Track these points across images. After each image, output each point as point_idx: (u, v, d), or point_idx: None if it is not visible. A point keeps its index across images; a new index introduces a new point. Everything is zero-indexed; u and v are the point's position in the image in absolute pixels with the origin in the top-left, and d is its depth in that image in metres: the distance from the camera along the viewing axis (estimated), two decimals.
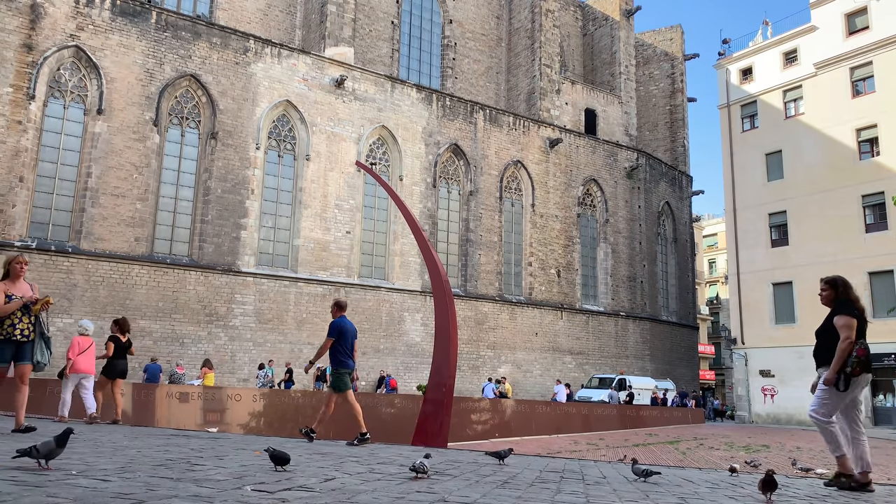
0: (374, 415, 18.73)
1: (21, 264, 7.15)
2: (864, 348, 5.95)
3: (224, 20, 31.27)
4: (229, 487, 3.62)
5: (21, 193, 22.92)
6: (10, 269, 7.11)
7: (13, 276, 7.11)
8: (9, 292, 6.91)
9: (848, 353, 5.88)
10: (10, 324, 6.87)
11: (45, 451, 3.93)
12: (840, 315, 6.02)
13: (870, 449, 5.98)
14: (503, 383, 29.20)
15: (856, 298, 6.22)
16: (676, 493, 4.84)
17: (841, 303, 6.19)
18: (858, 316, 6.03)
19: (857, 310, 6.09)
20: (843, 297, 6.23)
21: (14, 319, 6.88)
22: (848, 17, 34.39)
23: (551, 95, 38.96)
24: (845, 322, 5.93)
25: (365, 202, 30.64)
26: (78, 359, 10.37)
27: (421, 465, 4.85)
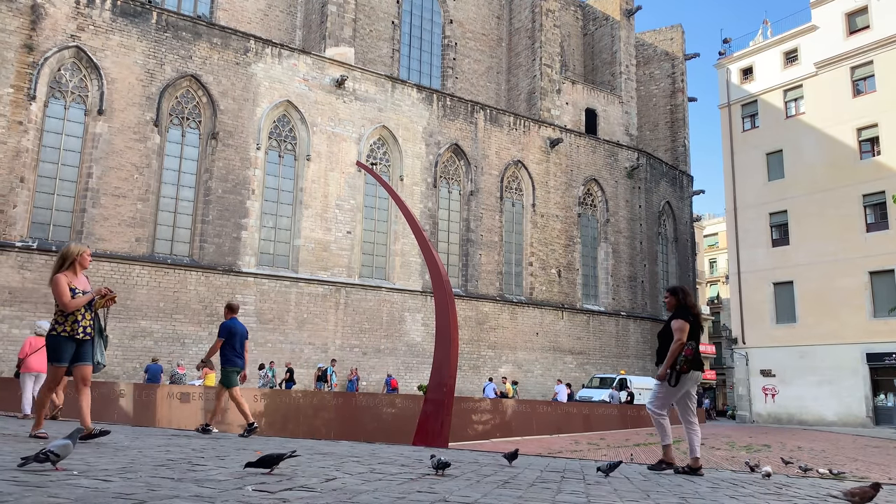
0: (375, 415, 18.74)
1: (86, 257, 6.64)
2: (693, 349, 6.58)
3: (224, 20, 31.28)
4: (230, 487, 3.62)
5: (22, 194, 22.94)
6: (73, 261, 6.53)
7: (75, 268, 6.55)
8: (72, 285, 6.40)
9: (678, 353, 6.54)
10: (75, 320, 6.35)
11: (64, 454, 3.90)
12: (676, 319, 6.72)
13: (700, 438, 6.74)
14: (505, 383, 29.22)
15: (692, 305, 6.89)
16: (677, 493, 4.84)
17: (679, 308, 6.84)
18: (692, 321, 6.70)
19: (693, 315, 6.76)
20: (682, 304, 6.86)
21: (78, 316, 6.37)
22: (848, 17, 34.38)
23: (552, 95, 38.96)
24: (679, 326, 6.65)
25: (366, 202, 30.64)
26: (30, 358, 10.54)
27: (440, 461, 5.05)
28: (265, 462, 4.24)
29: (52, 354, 6.34)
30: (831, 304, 32.16)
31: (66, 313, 6.30)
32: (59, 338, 6.29)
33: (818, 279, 32.86)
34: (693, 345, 6.62)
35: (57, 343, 6.31)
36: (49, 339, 6.36)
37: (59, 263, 6.52)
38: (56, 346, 6.31)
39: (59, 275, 6.38)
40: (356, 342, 28.90)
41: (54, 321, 6.34)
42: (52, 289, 6.36)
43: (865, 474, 10.83)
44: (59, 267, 6.51)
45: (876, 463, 14.11)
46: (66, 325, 6.30)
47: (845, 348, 31.34)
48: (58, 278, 6.35)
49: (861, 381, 31.26)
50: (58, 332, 6.30)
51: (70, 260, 6.51)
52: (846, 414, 31.55)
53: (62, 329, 6.30)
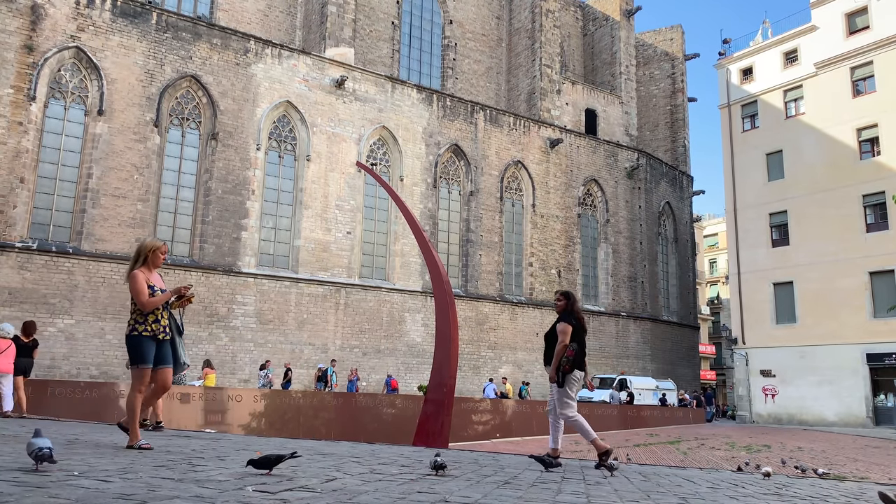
0: (376, 415, 18.74)
1: (164, 254, 6.29)
2: (574, 350, 7.05)
3: (224, 21, 31.29)
4: (231, 488, 3.62)
5: (22, 194, 22.94)
6: (148, 256, 6.18)
7: (151, 265, 6.22)
8: (149, 282, 6.08)
9: (562, 354, 7.00)
10: (155, 319, 6.02)
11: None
12: (561, 322, 7.15)
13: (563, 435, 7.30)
14: (505, 383, 29.21)
15: (578, 310, 7.36)
16: (678, 493, 4.84)
17: (566, 312, 7.26)
18: (576, 324, 7.17)
19: (577, 319, 7.23)
20: (570, 309, 7.29)
21: (158, 315, 6.04)
22: (848, 17, 34.38)
23: (552, 96, 38.97)
24: (563, 328, 7.10)
25: (365, 203, 30.65)
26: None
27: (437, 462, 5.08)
28: (265, 463, 4.22)
29: (135, 356, 5.96)
30: (831, 304, 32.16)
31: (145, 313, 5.98)
32: (141, 338, 5.96)
33: (818, 279, 32.86)
34: (575, 346, 7.11)
35: (139, 344, 5.95)
36: (130, 341, 6.00)
37: (135, 259, 6.22)
38: (139, 348, 5.94)
39: (137, 271, 6.07)
40: (356, 342, 28.91)
41: (133, 321, 6.01)
42: (130, 286, 6.04)
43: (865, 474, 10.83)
44: (134, 263, 6.21)
45: (876, 463, 14.11)
46: (148, 325, 5.98)
47: (845, 348, 31.34)
48: (135, 275, 6.03)
49: (861, 382, 31.26)
50: (139, 333, 5.96)
51: (144, 255, 6.19)
52: (846, 414, 31.54)
53: (143, 329, 5.96)
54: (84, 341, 23.05)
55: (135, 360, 5.94)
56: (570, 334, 7.05)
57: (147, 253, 6.17)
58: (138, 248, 6.25)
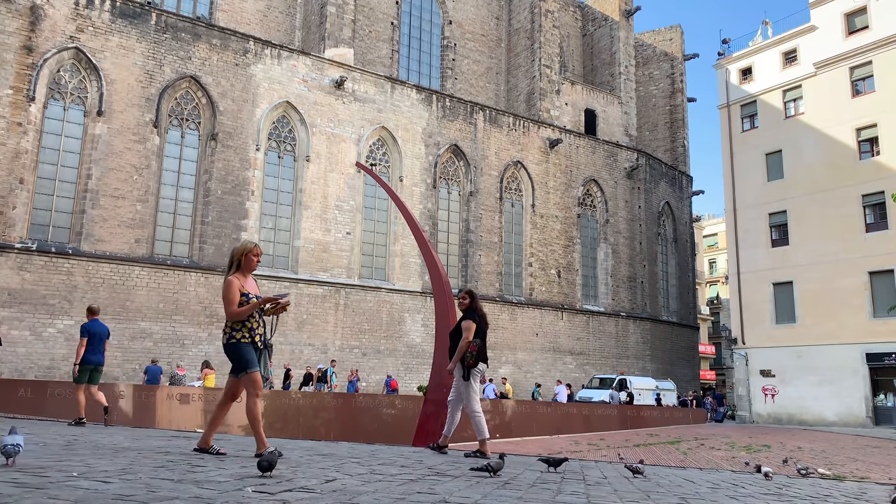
0: (375, 415, 18.73)
1: (257, 256, 6.00)
2: (478, 346, 7.49)
3: (224, 21, 31.29)
4: (230, 489, 3.62)
5: (21, 195, 22.93)
6: (242, 261, 5.93)
7: (246, 270, 5.94)
8: (244, 290, 5.85)
9: (465, 350, 7.40)
10: (251, 327, 5.80)
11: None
12: (466, 319, 7.55)
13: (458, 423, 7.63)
14: (505, 383, 29.18)
15: (480, 308, 7.82)
16: (678, 493, 4.84)
17: (469, 310, 7.68)
18: (478, 321, 7.61)
19: (480, 316, 7.69)
20: (473, 306, 7.72)
21: (253, 322, 5.81)
22: (847, 17, 34.38)
23: (551, 96, 38.98)
24: (467, 325, 7.51)
25: (365, 203, 30.64)
26: None
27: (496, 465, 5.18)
28: (266, 465, 4.21)
29: (240, 363, 5.73)
30: (831, 304, 32.16)
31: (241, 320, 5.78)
32: (240, 344, 5.75)
33: (818, 279, 32.85)
34: (478, 342, 7.54)
35: (240, 349, 5.74)
36: (230, 349, 5.78)
37: (228, 264, 6.01)
38: (241, 353, 5.73)
39: (232, 277, 5.83)
40: (356, 343, 28.90)
41: (230, 328, 5.81)
42: (223, 293, 5.83)
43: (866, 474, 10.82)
44: (228, 268, 5.98)
45: (876, 463, 14.10)
46: (245, 331, 5.78)
47: (845, 348, 31.33)
48: (230, 282, 5.80)
49: (861, 382, 31.25)
50: (237, 340, 5.76)
51: (237, 260, 5.93)
52: (846, 414, 31.54)
53: (241, 336, 5.77)
54: None
55: (241, 366, 5.74)
56: (474, 331, 7.50)
57: (240, 257, 5.92)
58: (231, 253, 6.03)
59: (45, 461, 4.55)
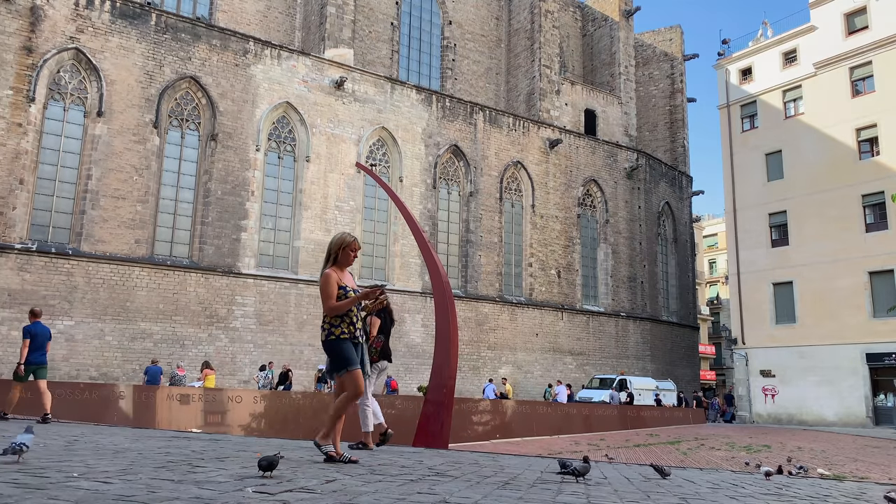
0: None
1: (354, 251, 5.79)
2: (381, 341, 7.74)
3: (224, 22, 31.30)
4: (230, 489, 3.62)
5: (21, 196, 22.94)
6: (339, 255, 5.72)
7: (343, 264, 5.75)
8: (341, 283, 5.64)
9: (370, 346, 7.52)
10: (351, 322, 5.61)
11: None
12: (370, 315, 7.66)
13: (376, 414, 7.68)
14: (505, 384, 29.19)
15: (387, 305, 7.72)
16: (678, 494, 4.84)
17: None
18: (383, 317, 7.87)
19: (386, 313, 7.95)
20: None
21: (353, 317, 5.62)
22: (847, 17, 34.41)
23: (551, 96, 38.98)
24: (372, 321, 7.72)
25: (365, 203, 30.65)
26: None
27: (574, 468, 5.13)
28: (266, 465, 4.17)
29: (339, 360, 5.52)
30: (831, 304, 32.17)
31: (339, 315, 5.57)
32: (340, 340, 5.54)
33: (818, 279, 32.87)
34: (382, 338, 7.78)
35: (341, 346, 5.53)
36: (329, 345, 5.57)
37: (325, 258, 5.83)
38: (342, 350, 5.52)
39: (329, 271, 5.62)
40: None
41: (328, 324, 5.61)
42: (320, 287, 5.61)
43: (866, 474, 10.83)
44: (325, 262, 5.79)
45: (876, 463, 14.11)
46: (344, 327, 5.57)
47: (845, 348, 31.35)
48: (327, 275, 5.59)
49: (861, 382, 31.27)
50: (336, 336, 5.56)
51: (334, 254, 5.73)
52: (846, 414, 31.55)
53: (340, 332, 5.56)
54: (84, 343, 23.04)
55: (340, 364, 5.52)
56: (379, 327, 7.77)
57: (336, 251, 5.72)
58: (328, 246, 5.81)
59: (46, 461, 4.55)
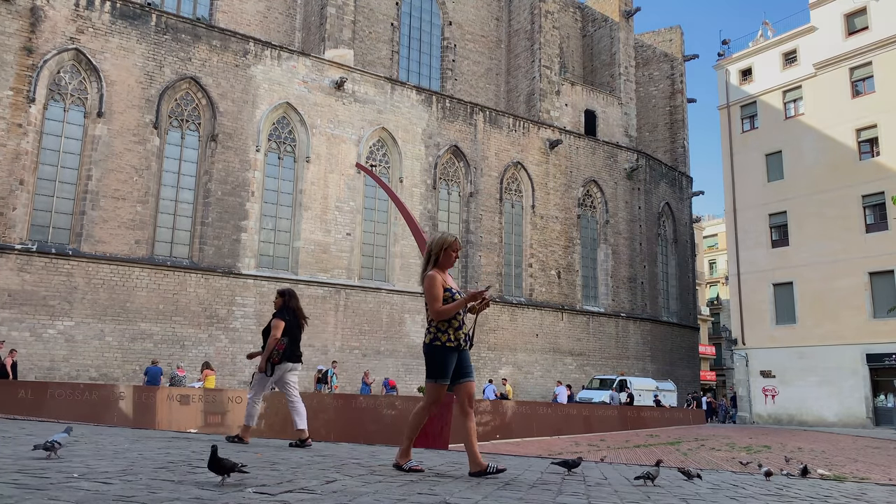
0: (376, 416, 18.73)
1: (456, 252, 5.42)
2: (284, 344, 7.75)
3: (224, 23, 31.31)
4: (231, 490, 3.62)
5: (21, 196, 22.94)
6: (440, 256, 5.35)
7: (444, 265, 5.39)
8: (446, 285, 5.30)
9: (273, 348, 7.67)
10: (458, 326, 5.22)
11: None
12: (275, 318, 7.88)
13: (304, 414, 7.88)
14: (505, 384, 29.18)
15: (295, 307, 8.07)
16: (678, 494, 4.84)
17: (280, 309, 8.00)
18: (288, 320, 7.89)
19: (294, 315, 7.99)
20: (286, 305, 8.03)
21: (460, 321, 5.26)
22: (847, 18, 34.41)
23: (551, 97, 38.99)
24: (275, 323, 7.82)
25: (365, 204, 30.65)
26: None
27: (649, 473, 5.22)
28: (219, 467, 3.74)
29: (435, 369, 5.16)
30: (831, 304, 32.17)
31: (446, 319, 5.20)
32: (445, 349, 5.14)
33: (818, 280, 32.86)
34: (285, 340, 7.78)
35: (442, 355, 5.15)
36: (432, 351, 5.20)
37: (426, 259, 5.45)
38: (441, 360, 5.15)
39: (433, 273, 5.27)
40: (356, 344, 28.90)
41: (434, 329, 5.23)
42: (425, 289, 5.25)
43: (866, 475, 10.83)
44: (426, 263, 5.45)
45: (876, 463, 14.10)
46: (451, 333, 5.18)
47: (845, 349, 31.34)
48: (432, 277, 5.24)
49: (861, 382, 31.26)
50: (442, 343, 5.15)
51: (435, 255, 5.37)
52: (846, 415, 31.54)
53: (447, 338, 5.16)
54: (84, 343, 23.04)
55: (434, 373, 5.17)
56: (283, 329, 7.78)
57: (437, 252, 5.35)
58: (428, 247, 5.47)
59: (46, 462, 4.55)
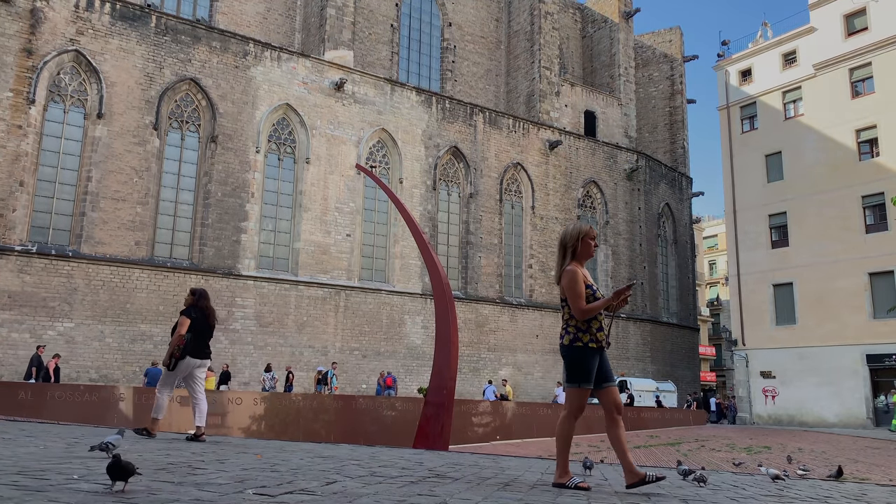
0: (376, 417, 18.72)
1: (594, 240, 5.00)
2: (186, 340, 8.11)
3: (223, 24, 31.32)
4: (230, 491, 3.62)
5: (21, 198, 22.94)
6: (578, 247, 4.93)
7: (583, 257, 4.96)
8: (587, 280, 4.90)
9: (177, 344, 8.03)
10: (599, 327, 4.84)
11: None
12: (181, 315, 8.25)
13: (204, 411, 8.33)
14: (505, 385, 29.17)
15: (204, 306, 8.42)
16: (678, 496, 4.83)
17: (189, 307, 8.39)
18: (194, 317, 8.24)
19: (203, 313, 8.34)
20: (194, 304, 8.40)
21: (601, 321, 4.88)
22: (847, 18, 34.41)
23: (551, 97, 38.99)
24: (181, 321, 8.17)
25: (365, 205, 30.65)
26: None
27: (701, 476, 5.36)
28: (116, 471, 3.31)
29: (578, 373, 4.76)
30: (831, 305, 32.16)
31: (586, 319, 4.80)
32: (587, 350, 4.75)
33: (818, 280, 32.86)
34: (189, 336, 8.14)
35: (586, 358, 4.75)
36: (574, 353, 4.80)
37: (562, 253, 5.00)
38: (585, 362, 4.75)
39: (573, 267, 4.86)
40: (356, 345, 28.89)
41: (574, 329, 4.82)
42: (566, 286, 4.82)
43: (866, 475, 10.82)
44: (562, 257, 4.98)
45: (876, 464, 14.10)
46: (593, 334, 4.79)
47: (845, 349, 31.33)
48: (573, 273, 4.82)
49: (861, 383, 31.24)
50: (584, 343, 4.76)
51: (572, 246, 4.93)
52: (846, 415, 31.52)
53: (590, 339, 4.77)
54: (84, 344, 23.04)
55: (577, 377, 4.77)
56: (188, 326, 8.10)
57: (574, 243, 4.92)
58: (562, 240, 5.00)
59: (46, 464, 4.55)
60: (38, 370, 19.43)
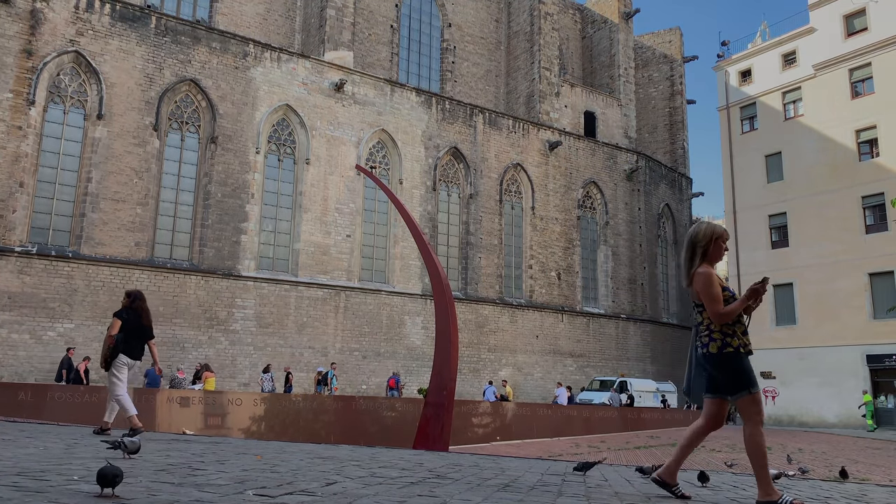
0: (376, 418, 18.73)
1: (726, 241, 4.67)
2: (118, 339, 8.33)
3: (223, 25, 31.32)
4: (231, 492, 3.62)
5: (21, 198, 22.94)
6: (709, 249, 4.59)
7: (714, 259, 4.63)
8: (723, 283, 4.59)
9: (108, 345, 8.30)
10: (744, 330, 4.46)
11: None
12: (113, 317, 8.48)
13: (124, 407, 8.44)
14: (505, 385, 29.18)
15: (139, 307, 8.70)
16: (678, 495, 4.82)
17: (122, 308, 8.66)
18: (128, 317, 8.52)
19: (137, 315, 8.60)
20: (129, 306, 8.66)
21: (745, 324, 4.51)
22: (847, 19, 34.43)
23: (550, 98, 39.00)
24: (113, 322, 8.46)
25: (365, 206, 30.65)
26: None
27: None
28: (104, 479, 3.18)
29: (743, 379, 4.35)
30: (831, 305, 32.16)
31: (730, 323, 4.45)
32: (741, 355, 4.40)
33: (818, 281, 32.86)
34: (120, 336, 8.40)
35: (741, 362, 4.38)
36: (728, 360, 4.39)
37: (690, 253, 4.65)
38: (744, 367, 4.38)
39: (707, 270, 4.53)
40: (356, 345, 28.89)
41: (720, 334, 4.43)
42: (701, 289, 4.48)
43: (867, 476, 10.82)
44: (691, 258, 4.64)
45: (876, 464, 14.10)
46: (739, 338, 4.43)
47: (845, 350, 31.33)
48: (708, 276, 4.49)
49: (861, 383, 31.24)
50: (735, 348, 4.39)
51: (703, 247, 4.59)
52: (846, 416, 31.52)
53: (739, 343, 4.41)
54: (84, 345, 23.01)
55: (742, 383, 4.35)
56: (119, 327, 8.41)
57: (706, 245, 4.59)
58: (692, 240, 4.65)
59: (46, 465, 4.55)
60: (69, 372, 19.46)
